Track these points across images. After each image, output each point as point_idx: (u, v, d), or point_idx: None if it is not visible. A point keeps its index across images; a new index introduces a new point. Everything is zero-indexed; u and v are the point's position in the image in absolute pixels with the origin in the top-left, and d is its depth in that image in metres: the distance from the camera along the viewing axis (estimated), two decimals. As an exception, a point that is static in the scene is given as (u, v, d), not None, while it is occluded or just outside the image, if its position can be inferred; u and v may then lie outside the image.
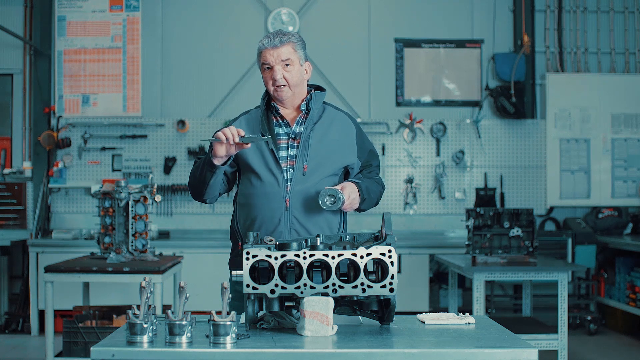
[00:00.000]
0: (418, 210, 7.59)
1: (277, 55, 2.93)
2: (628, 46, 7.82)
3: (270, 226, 2.92)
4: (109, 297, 6.49)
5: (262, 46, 2.96)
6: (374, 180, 3.09)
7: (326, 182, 2.96)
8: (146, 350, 2.17)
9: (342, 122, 3.05)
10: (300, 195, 2.92)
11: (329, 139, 2.99)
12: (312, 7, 7.66)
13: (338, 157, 3.00)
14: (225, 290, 2.27)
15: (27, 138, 7.57)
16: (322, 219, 2.95)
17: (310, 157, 2.94)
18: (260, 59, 2.98)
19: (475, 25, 7.72)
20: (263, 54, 2.96)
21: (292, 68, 2.96)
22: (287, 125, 3.02)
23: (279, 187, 2.92)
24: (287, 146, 2.98)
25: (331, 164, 2.98)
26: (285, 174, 2.93)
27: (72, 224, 7.42)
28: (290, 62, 2.95)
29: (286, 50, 2.94)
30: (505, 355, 2.19)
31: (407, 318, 2.66)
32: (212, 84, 7.63)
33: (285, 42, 2.94)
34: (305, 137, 2.96)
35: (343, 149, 3.01)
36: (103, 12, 7.47)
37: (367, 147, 3.10)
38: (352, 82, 7.61)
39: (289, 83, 2.97)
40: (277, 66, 2.94)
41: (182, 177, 7.49)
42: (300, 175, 2.93)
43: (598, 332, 6.92)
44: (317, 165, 2.95)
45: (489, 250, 5.55)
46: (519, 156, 7.67)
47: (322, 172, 2.96)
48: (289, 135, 3.00)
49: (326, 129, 3.00)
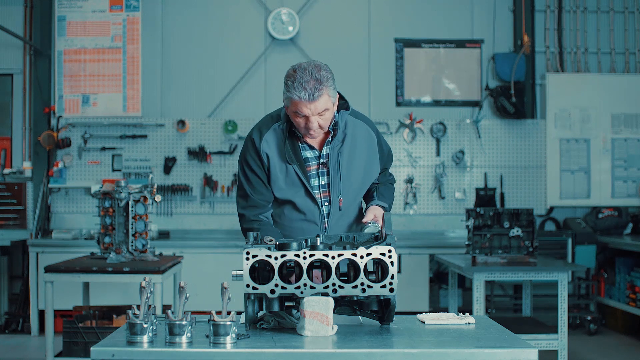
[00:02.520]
0: (418, 210, 7.59)
1: (314, 108, 2.75)
2: (628, 46, 7.82)
3: None
4: (109, 297, 6.49)
5: (296, 97, 2.73)
6: (389, 182, 3.15)
7: (358, 206, 3.03)
8: (146, 350, 2.17)
9: (364, 133, 2.99)
10: (337, 230, 2.95)
11: (357, 162, 2.96)
12: (312, 7, 7.66)
13: (367, 179, 3.02)
14: (226, 290, 2.27)
15: (27, 138, 7.57)
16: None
17: (343, 188, 2.93)
18: (292, 106, 2.78)
19: (475, 25, 7.72)
20: (297, 105, 2.75)
21: (328, 112, 2.81)
22: (313, 148, 2.94)
23: (316, 224, 2.93)
24: (317, 173, 2.93)
25: (362, 188, 3.02)
26: (321, 209, 2.93)
27: (72, 224, 7.42)
28: (327, 110, 2.80)
29: (323, 100, 2.75)
30: (505, 355, 2.19)
31: (407, 318, 2.66)
32: (212, 84, 7.63)
33: (322, 94, 2.74)
34: (334, 163, 2.91)
35: (371, 166, 3.01)
36: (103, 12, 7.46)
37: (386, 150, 3.11)
38: (352, 82, 7.61)
39: (323, 127, 2.84)
40: (313, 117, 2.78)
41: (182, 177, 7.49)
42: (337, 209, 2.94)
43: (598, 332, 6.92)
44: (351, 197, 2.97)
45: (489, 250, 5.55)
46: (519, 156, 7.67)
47: (356, 200, 3.01)
48: (318, 160, 2.93)
49: (351, 147, 2.95)
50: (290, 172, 2.88)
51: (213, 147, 7.48)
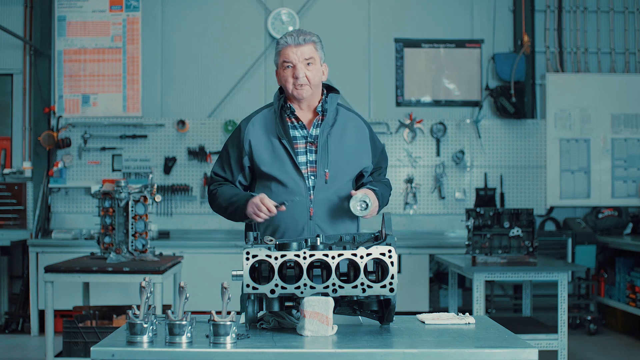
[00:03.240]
0: (418, 210, 7.59)
1: (300, 54, 2.90)
2: (628, 46, 7.82)
3: (294, 234, 2.90)
4: (109, 297, 6.49)
5: (285, 43, 2.91)
6: (384, 183, 3.11)
7: (346, 188, 2.96)
8: (146, 350, 2.17)
9: (356, 124, 3.04)
10: (324, 203, 2.91)
11: (345, 144, 2.97)
12: (312, 7, 7.66)
13: (356, 162, 3.00)
14: (226, 290, 2.27)
15: (27, 138, 7.57)
16: (343, 226, 2.96)
17: (330, 164, 2.92)
18: (281, 56, 2.93)
19: (475, 25, 7.72)
20: (285, 52, 2.91)
21: (314, 67, 2.93)
22: (304, 128, 2.98)
23: (302, 195, 2.90)
24: (305, 151, 2.95)
25: (350, 169, 2.99)
26: (307, 182, 2.92)
27: (72, 224, 7.42)
28: (313, 61, 2.93)
29: (309, 49, 2.92)
30: (505, 355, 2.19)
31: (407, 318, 2.66)
32: (212, 84, 7.63)
33: (308, 41, 2.92)
34: (323, 142, 2.94)
35: (360, 153, 3.01)
36: (103, 12, 7.46)
37: (379, 147, 3.11)
38: (352, 82, 7.61)
39: (310, 82, 2.93)
40: (299, 64, 2.90)
41: (182, 177, 7.49)
42: (323, 183, 2.91)
43: (598, 332, 6.92)
44: (337, 172, 2.94)
45: (489, 250, 5.55)
46: (519, 156, 7.67)
47: (342, 178, 2.96)
48: (306, 139, 2.96)
49: (342, 132, 2.98)
50: (276, 148, 2.92)
51: (213, 147, 7.47)
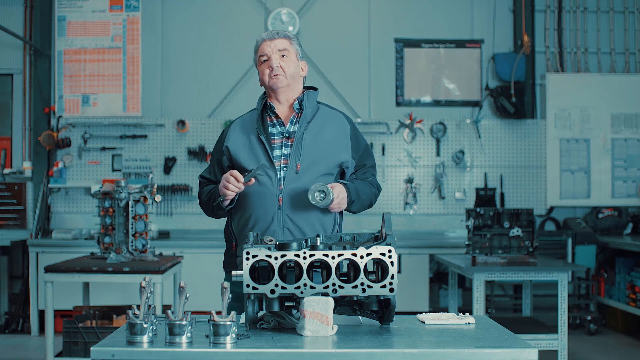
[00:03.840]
0: (418, 210, 7.59)
1: (273, 46, 3.01)
2: (628, 46, 7.82)
3: (264, 225, 2.92)
4: (109, 297, 6.49)
5: (261, 40, 3.05)
6: (368, 182, 3.06)
7: (319, 181, 2.93)
8: (146, 350, 2.17)
9: (336, 120, 3.06)
10: (293, 194, 2.91)
11: (322, 138, 2.99)
12: (312, 7, 7.66)
13: (331, 156, 2.99)
14: (225, 290, 2.27)
15: (27, 138, 7.57)
16: (315, 218, 2.94)
17: (303, 156, 2.94)
18: (258, 53, 3.06)
19: (475, 25, 7.72)
20: (260, 47, 3.04)
21: (289, 59, 3.03)
22: (282, 125, 3.03)
23: (272, 185, 2.92)
24: (280, 145, 2.99)
25: (325, 162, 2.98)
26: (278, 173, 2.94)
27: (72, 224, 7.42)
28: (287, 52, 3.03)
29: (282, 42, 3.03)
30: (505, 355, 2.18)
31: (407, 318, 2.66)
32: (212, 84, 7.63)
33: (282, 35, 3.06)
34: (299, 136, 2.97)
35: (337, 147, 3.00)
36: (103, 12, 7.46)
37: (362, 145, 3.09)
38: (352, 82, 7.61)
39: (285, 72, 3.01)
40: (274, 55, 3.01)
41: (182, 177, 7.49)
42: (293, 173, 2.93)
43: (598, 332, 6.92)
44: (310, 164, 2.94)
45: (489, 250, 5.55)
46: (519, 156, 7.67)
47: (316, 171, 2.95)
48: (282, 135, 3.01)
49: (320, 127, 3.01)
50: (253, 144, 3.00)
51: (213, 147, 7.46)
